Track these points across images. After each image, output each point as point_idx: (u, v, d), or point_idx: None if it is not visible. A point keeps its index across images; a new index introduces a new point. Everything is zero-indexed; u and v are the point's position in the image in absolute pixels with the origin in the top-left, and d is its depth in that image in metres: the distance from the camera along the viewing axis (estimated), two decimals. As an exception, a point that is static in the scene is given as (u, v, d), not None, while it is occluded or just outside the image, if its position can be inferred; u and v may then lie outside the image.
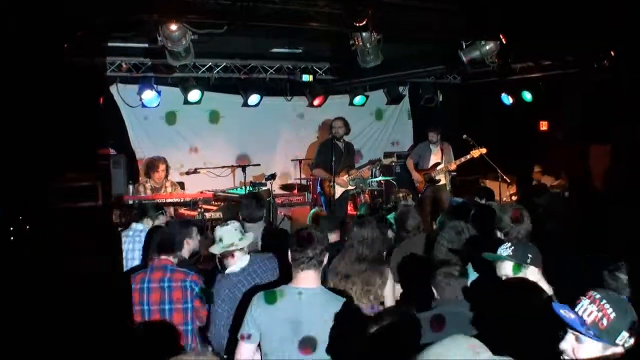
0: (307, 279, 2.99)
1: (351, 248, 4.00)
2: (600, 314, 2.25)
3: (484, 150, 8.27)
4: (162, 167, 7.35)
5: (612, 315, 2.24)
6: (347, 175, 7.79)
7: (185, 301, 3.76)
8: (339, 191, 7.72)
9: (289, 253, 3.05)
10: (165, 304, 3.74)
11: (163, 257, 3.90)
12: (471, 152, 8.30)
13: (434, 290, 3.13)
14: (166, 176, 7.42)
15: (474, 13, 5.79)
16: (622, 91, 6.87)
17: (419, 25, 5.92)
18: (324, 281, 3.57)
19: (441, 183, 8.53)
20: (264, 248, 4.60)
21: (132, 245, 4.91)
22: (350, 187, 7.93)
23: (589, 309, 2.27)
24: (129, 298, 3.72)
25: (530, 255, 3.09)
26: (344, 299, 3.04)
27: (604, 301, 2.27)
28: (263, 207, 5.05)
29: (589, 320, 2.25)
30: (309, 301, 2.94)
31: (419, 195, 8.56)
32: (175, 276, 3.81)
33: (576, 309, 2.30)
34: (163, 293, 3.75)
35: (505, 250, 3.11)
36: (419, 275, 3.54)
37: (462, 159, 8.41)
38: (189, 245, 4.44)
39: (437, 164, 8.57)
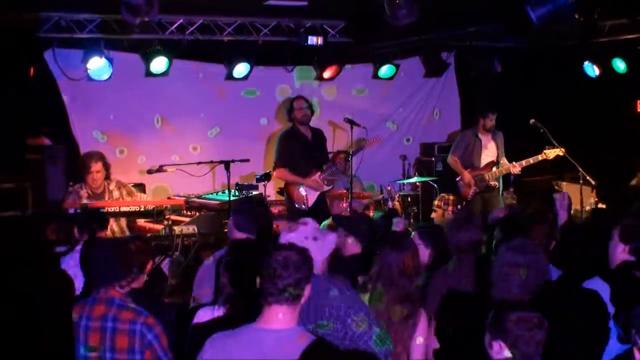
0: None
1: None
2: None
3: (561, 151, 8.20)
4: (96, 166, 7.07)
5: None
6: (319, 174, 7.80)
7: (132, 351, 3.63)
8: (312, 196, 7.81)
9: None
10: (105, 351, 3.65)
11: (109, 286, 3.79)
12: (544, 152, 8.26)
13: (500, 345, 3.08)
14: (107, 176, 7.22)
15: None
16: None
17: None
18: None
19: (494, 189, 8.52)
20: None
21: (76, 270, 4.87)
22: (326, 188, 7.94)
23: None
24: (71, 339, 3.70)
25: None
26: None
27: None
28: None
29: None
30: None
31: (464, 203, 8.52)
32: (123, 315, 3.69)
33: None
34: (104, 335, 3.65)
35: None
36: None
37: (531, 160, 8.34)
38: None
39: (492, 163, 8.51)
